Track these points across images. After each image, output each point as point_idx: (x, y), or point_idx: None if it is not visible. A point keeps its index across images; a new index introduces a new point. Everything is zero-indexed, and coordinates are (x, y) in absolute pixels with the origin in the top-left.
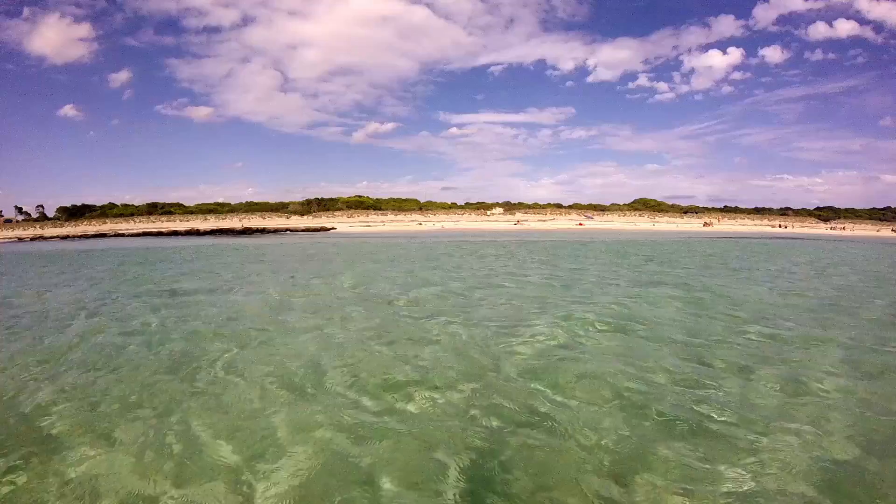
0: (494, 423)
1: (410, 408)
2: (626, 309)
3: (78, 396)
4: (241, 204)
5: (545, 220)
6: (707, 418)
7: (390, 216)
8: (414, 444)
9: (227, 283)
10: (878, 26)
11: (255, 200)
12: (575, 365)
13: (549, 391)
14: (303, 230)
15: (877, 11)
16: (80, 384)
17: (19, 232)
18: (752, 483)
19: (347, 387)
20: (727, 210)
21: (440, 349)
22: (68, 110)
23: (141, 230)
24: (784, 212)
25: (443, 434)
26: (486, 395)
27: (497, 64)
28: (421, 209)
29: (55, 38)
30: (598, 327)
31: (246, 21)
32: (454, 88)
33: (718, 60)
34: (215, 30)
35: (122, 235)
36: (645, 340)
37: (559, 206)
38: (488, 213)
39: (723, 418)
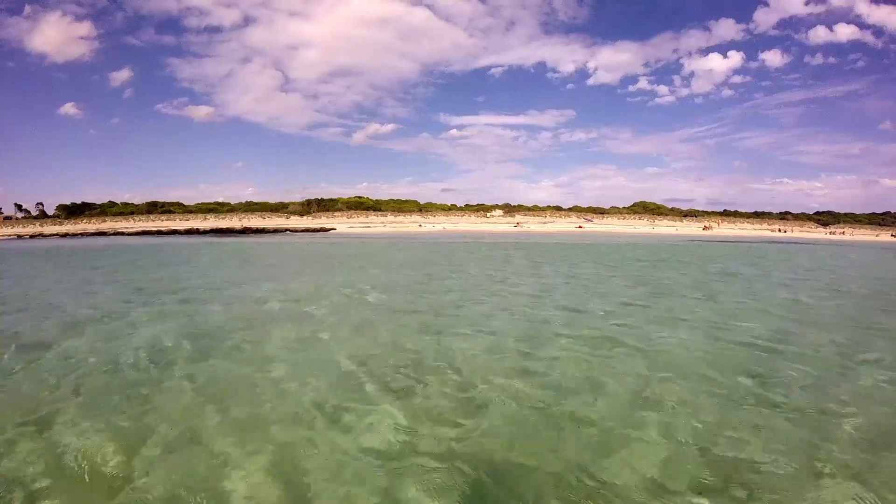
0: (482, 464)
1: (390, 439)
2: (626, 325)
3: (28, 409)
4: (240, 204)
5: (545, 223)
6: (726, 459)
7: (390, 217)
8: (387, 481)
9: (216, 286)
10: (878, 31)
11: (255, 200)
12: (571, 390)
13: (544, 423)
14: (302, 230)
15: (877, 16)
16: (35, 395)
17: (19, 229)
18: None
19: (324, 412)
20: (727, 214)
21: (426, 373)
22: (69, 108)
23: (140, 229)
24: (784, 216)
25: (421, 472)
26: (473, 431)
27: (497, 66)
28: (421, 211)
29: (56, 37)
30: (597, 345)
31: (247, 21)
32: (454, 90)
33: (718, 64)
34: (216, 30)
35: (122, 234)
36: (644, 360)
37: (559, 208)
38: (488, 215)
39: (744, 456)
